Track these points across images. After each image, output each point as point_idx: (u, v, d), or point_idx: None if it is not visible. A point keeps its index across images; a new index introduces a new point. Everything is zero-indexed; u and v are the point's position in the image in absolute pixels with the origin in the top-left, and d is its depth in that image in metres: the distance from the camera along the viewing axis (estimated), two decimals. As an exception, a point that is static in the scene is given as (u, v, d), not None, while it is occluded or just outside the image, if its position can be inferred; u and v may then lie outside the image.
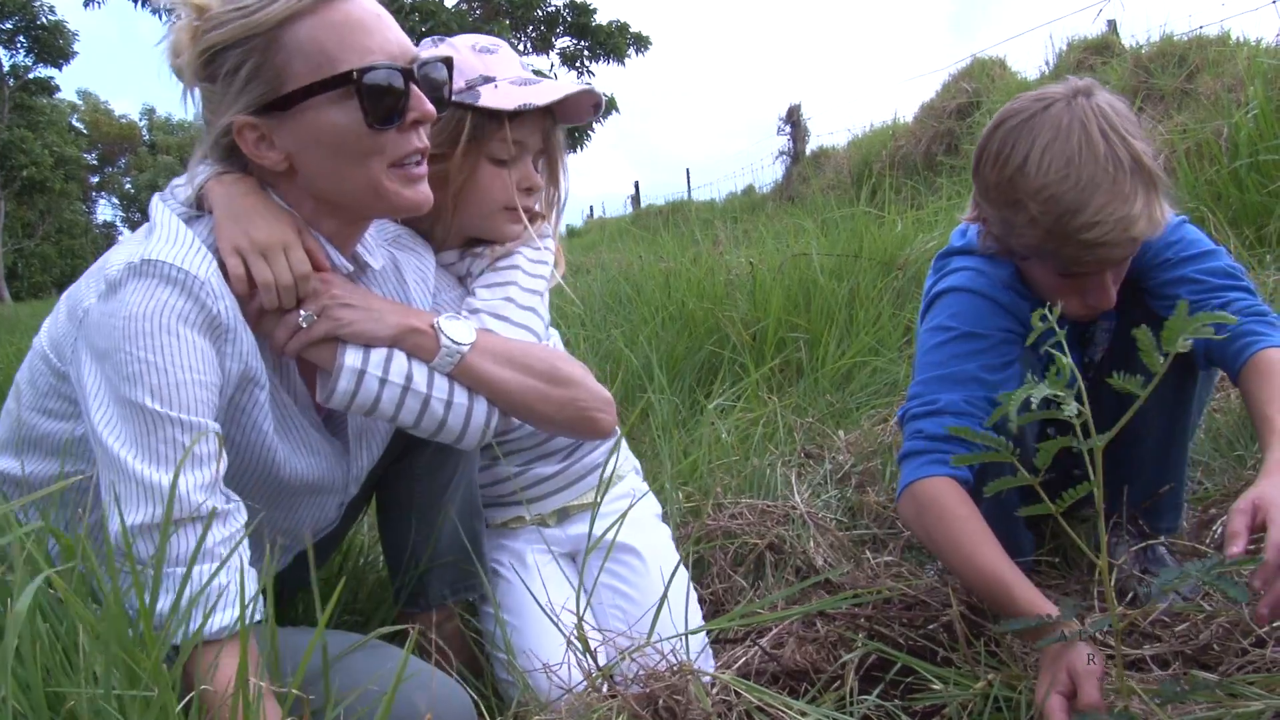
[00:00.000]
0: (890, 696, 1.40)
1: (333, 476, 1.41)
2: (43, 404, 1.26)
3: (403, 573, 1.60)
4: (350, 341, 1.29)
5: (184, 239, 1.19)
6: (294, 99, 1.19)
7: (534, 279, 1.55)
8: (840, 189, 8.16)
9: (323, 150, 1.23)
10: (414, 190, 1.27)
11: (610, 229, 12.74)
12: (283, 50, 1.18)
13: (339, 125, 1.20)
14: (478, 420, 1.37)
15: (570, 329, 3.84)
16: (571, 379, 1.44)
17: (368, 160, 1.23)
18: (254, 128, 1.22)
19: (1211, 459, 2.09)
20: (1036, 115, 1.43)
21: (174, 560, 1.09)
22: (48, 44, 28.23)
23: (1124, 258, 1.48)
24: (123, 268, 1.14)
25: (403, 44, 1.24)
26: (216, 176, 1.27)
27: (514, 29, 20.57)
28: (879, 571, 1.81)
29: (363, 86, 1.19)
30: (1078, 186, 1.38)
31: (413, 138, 1.25)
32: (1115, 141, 1.39)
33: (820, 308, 3.41)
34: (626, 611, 1.62)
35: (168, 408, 1.11)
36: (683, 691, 1.29)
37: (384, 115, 1.21)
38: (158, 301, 1.13)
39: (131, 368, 1.11)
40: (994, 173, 1.46)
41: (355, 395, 1.29)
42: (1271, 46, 5.03)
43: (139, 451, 1.10)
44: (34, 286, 35.19)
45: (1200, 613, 1.52)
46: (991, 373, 1.51)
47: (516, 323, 1.47)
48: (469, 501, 1.62)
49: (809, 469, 2.41)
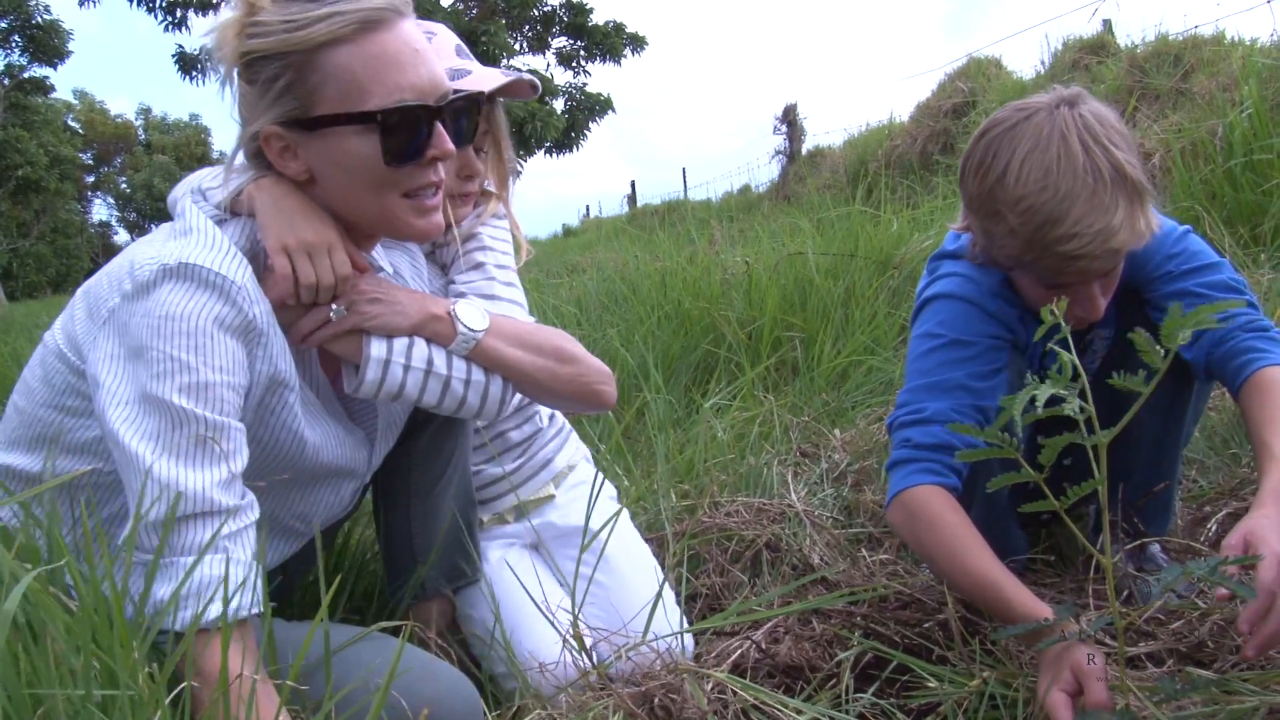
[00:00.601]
0: (886, 695, 1.40)
1: (356, 463, 1.45)
2: (59, 401, 1.27)
3: (400, 562, 1.61)
4: (374, 333, 1.33)
5: (220, 243, 1.22)
6: (321, 122, 1.23)
7: (503, 255, 1.61)
8: (836, 188, 8.16)
9: (340, 173, 1.26)
10: (425, 220, 1.30)
11: (606, 228, 12.74)
12: (318, 73, 1.21)
13: (359, 155, 1.24)
14: (494, 395, 1.43)
15: (567, 328, 3.84)
16: (576, 356, 1.50)
17: (383, 190, 1.27)
18: (280, 139, 1.26)
19: (1206, 457, 2.09)
20: (1018, 125, 1.41)
21: (178, 550, 1.11)
22: (43, 43, 28.14)
23: (1106, 270, 1.45)
24: (157, 269, 1.16)
25: (435, 80, 1.26)
26: (255, 181, 1.30)
27: (510, 29, 20.54)
28: (874, 570, 1.81)
29: (385, 125, 1.22)
30: (1056, 197, 1.36)
31: (429, 172, 1.28)
32: (1096, 152, 1.36)
33: (816, 307, 3.41)
34: (606, 588, 1.66)
35: (195, 405, 1.13)
36: (678, 690, 1.29)
37: (402, 154, 1.24)
38: (196, 304, 1.15)
39: (163, 365, 1.13)
40: (975, 183, 1.45)
41: (383, 383, 1.34)
42: (1266, 46, 5.05)
43: (158, 447, 1.12)
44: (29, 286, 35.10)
45: (1195, 610, 1.52)
46: (979, 380, 1.51)
47: (504, 299, 1.54)
48: (464, 490, 1.65)
49: (805, 468, 2.41)
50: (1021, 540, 1.73)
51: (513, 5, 20.58)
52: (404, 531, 1.61)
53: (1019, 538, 1.71)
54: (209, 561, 1.11)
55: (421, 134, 1.24)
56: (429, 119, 1.25)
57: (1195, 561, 1.16)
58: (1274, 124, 3.53)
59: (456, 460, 1.62)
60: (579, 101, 21.35)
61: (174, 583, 1.09)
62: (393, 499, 1.63)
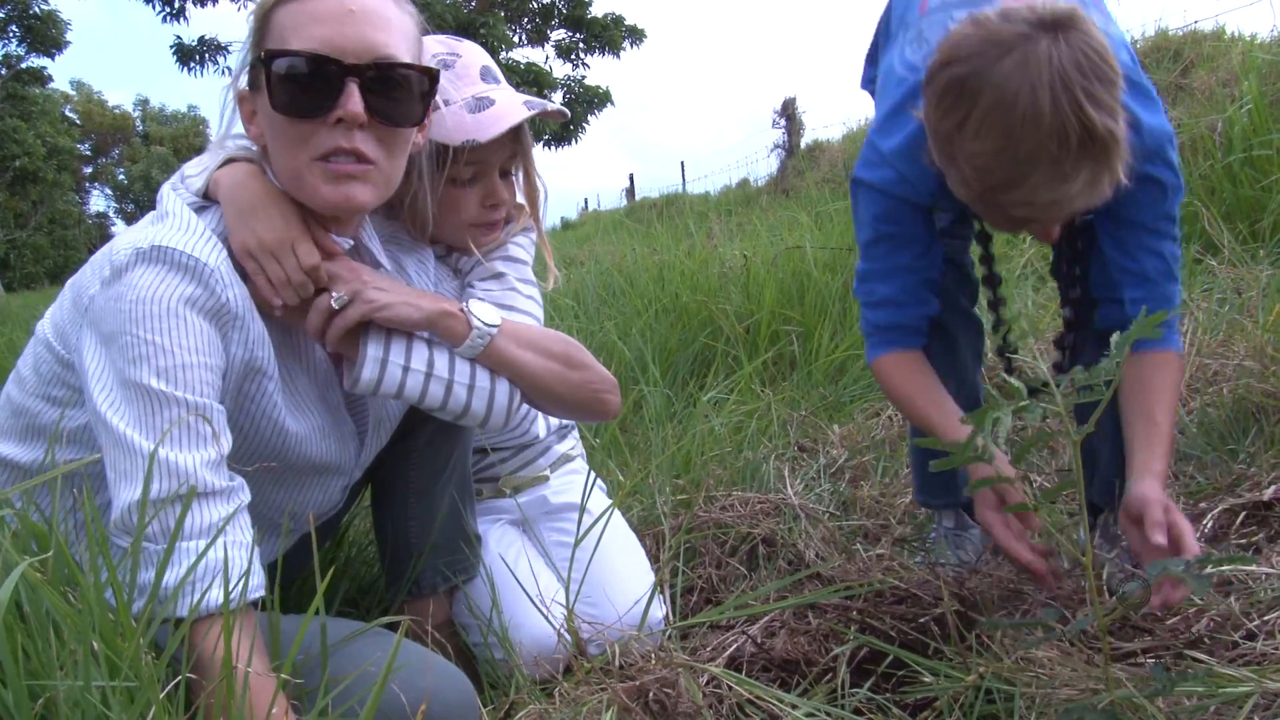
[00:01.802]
0: (882, 689, 1.40)
1: (342, 459, 1.43)
2: (46, 391, 1.27)
3: (398, 558, 1.61)
4: (386, 325, 1.31)
5: (194, 227, 1.21)
6: (255, 77, 1.24)
7: (525, 267, 1.58)
8: (835, 182, 8.14)
9: (268, 130, 1.26)
10: (334, 188, 1.22)
11: (605, 221, 12.72)
12: (268, 30, 1.23)
13: (269, 108, 1.22)
14: (500, 402, 1.39)
15: (564, 321, 3.84)
16: (584, 362, 1.47)
17: (294, 148, 1.22)
18: (245, 100, 1.28)
19: (1204, 453, 2.09)
20: (986, 65, 1.24)
21: (181, 534, 1.09)
22: (40, 33, 28.01)
23: (1054, 226, 1.46)
24: (130, 253, 1.15)
25: (365, 42, 1.20)
26: (221, 166, 1.29)
27: (509, 21, 20.48)
28: (870, 564, 1.81)
29: (270, 72, 1.19)
30: (1014, 161, 1.26)
31: (338, 135, 1.20)
32: (1066, 109, 1.21)
33: (814, 301, 3.40)
34: (596, 578, 1.65)
35: (173, 388, 1.12)
36: (673, 684, 1.29)
37: (293, 105, 1.20)
38: (166, 286, 1.14)
39: (137, 350, 1.12)
40: (935, 116, 1.34)
41: (380, 383, 1.31)
42: (1266, 42, 5.04)
43: (143, 430, 1.11)
44: (26, 277, 35.05)
45: (1191, 606, 1.52)
46: (919, 259, 1.65)
47: (522, 310, 1.50)
48: (463, 488, 1.64)
49: (803, 462, 2.41)
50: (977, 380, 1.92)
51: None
52: (402, 528, 1.60)
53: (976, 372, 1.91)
54: (210, 546, 1.10)
55: (321, 89, 1.18)
56: (340, 76, 1.18)
57: (1173, 561, 1.18)
58: (1273, 120, 3.52)
59: (457, 458, 1.61)
60: (577, 95, 21.27)
61: (177, 568, 1.07)
62: (391, 495, 1.62)
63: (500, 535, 1.74)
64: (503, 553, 1.68)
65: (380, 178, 1.26)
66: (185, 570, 1.07)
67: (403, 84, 1.24)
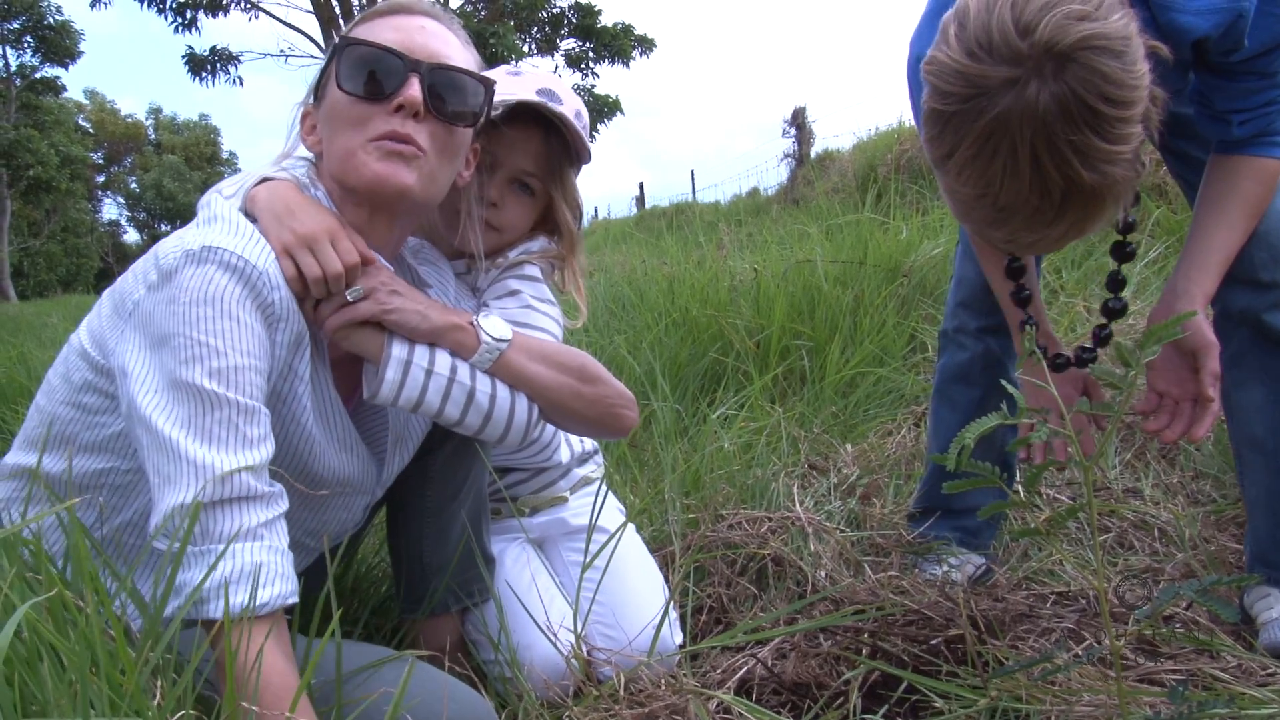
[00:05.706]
0: (895, 714, 1.39)
1: (364, 476, 1.42)
2: (76, 398, 1.27)
3: (412, 578, 1.60)
4: (393, 329, 1.31)
5: (244, 230, 1.22)
6: (323, 83, 1.32)
7: (544, 285, 1.58)
8: (845, 192, 8.13)
9: (327, 123, 1.31)
10: (383, 164, 1.26)
11: (614, 231, 12.74)
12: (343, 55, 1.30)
13: (334, 94, 1.28)
14: (520, 416, 1.38)
15: (573, 334, 3.83)
16: (600, 377, 1.46)
17: (352, 130, 1.27)
18: (308, 115, 1.35)
19: (1221, 472, 2.07)
20: (968, 114, 1.16)
21: (215, 537, 1.10)
22: (54, 43, 28.32)
23: None
24: (180, 255, 1.16)
25: (429, 49, 1.30)
26: (257, 186, 1.30)
27: (519, 30, 20.58)
28: (882, 585, 1.79)
29: (342, 52, 1.27)
30: (994, 207, 1.22)
31: (394, 121, 1.26)
32: (1048, 166, 1.14)
33: (824, 315, 3.39)
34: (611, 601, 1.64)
35: (226, 389, 1.13)
36: (683, 710, 1.28)
37: (361, 85, 1.26)
38: (216, 286, 1.15)
39: (191, 350, 1.12)
40: (924, 137, 1.26)
41: (403, 386, 1.30)
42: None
43: (191, 431, 1.11)
44: (40, 285, 35.32)
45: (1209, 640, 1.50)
46: None
47: (538, 327, 1.50)
48: (479, 508, 1.63)
49: (813, 480, 2.40)
50: None
51: (521, 7, 20.63)
52: (416, 548, 1.59)
53: None
54: (248, 549, 1.10)
55: (386, 77, 1.26)
56: (404, 69, 1.27)
57: (1186, 583, 1.17)
58: None
59: (473, 479, 1.59)
60: (587, 103, 21.27)
61: (220, 570, 1.07)
62: (407, 514, 1.61)
63: (517, 555, 1.73)
64: (518, 573, 1.67)
65: (426, 170, 1.29)
66: (226, 572, 1.07)
67: (460, 87, 1.32)
